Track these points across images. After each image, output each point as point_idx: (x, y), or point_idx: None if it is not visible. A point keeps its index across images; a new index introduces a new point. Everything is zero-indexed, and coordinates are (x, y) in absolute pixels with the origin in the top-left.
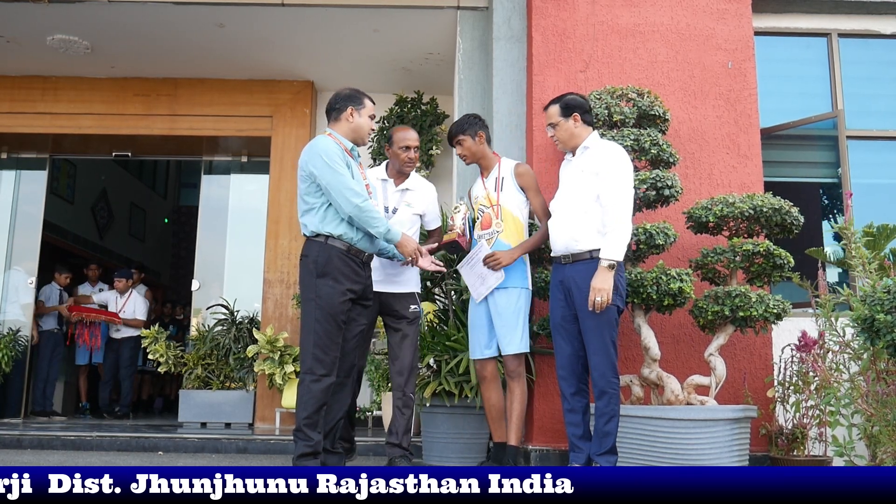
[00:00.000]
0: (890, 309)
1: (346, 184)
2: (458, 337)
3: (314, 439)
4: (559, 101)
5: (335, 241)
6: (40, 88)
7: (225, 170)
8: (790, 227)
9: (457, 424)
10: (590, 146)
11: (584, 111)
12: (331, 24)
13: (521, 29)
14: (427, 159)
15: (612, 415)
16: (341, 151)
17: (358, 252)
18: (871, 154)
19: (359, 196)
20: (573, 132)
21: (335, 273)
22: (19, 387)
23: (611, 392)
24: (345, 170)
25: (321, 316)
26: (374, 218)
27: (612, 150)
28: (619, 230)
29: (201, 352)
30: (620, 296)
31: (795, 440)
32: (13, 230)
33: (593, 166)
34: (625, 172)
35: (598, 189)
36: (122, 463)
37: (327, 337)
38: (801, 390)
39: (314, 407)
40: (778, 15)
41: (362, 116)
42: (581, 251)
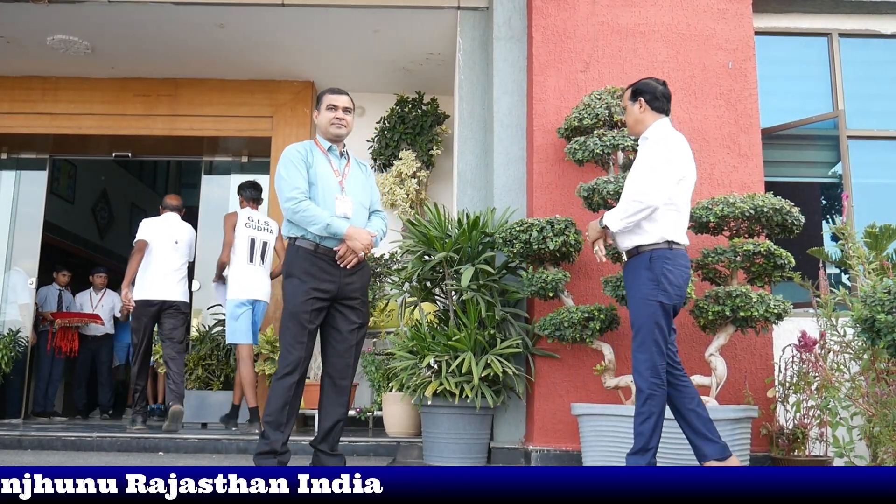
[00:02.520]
0: (891, 309)
1: (285, 188)
2: (459, 337)
3: (271, 438)
4: (633, 86)
5: (302, 242)
6: (40, 89)
7: (225, 170)
8: (791, 228)
9: (457, 424)
10: (649, 136)
11: (652, 96)
12: (331, 24)
13: (522, 29)
14: (428, 159)
15: (648, 415)
16: (305, 153)
17: (327, 251)
18: (872, 154)
19: (291, 200)
20: (637, 117)
21: (299, 273)
22: (19, 387)
23: (647, 392)
24: (292, 171)
25: (285, 315)
26: (310, 217)
27: (660, 135)
28: (623, 205)
29: (202, 352)
30: (664, 291)
31: (796, 440)
32: (13, 231)
33: (641, 159)
34: (656, 153)
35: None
36: (123, 463)
37: (290, 336)
38: (802, 390)
39: (276, 405)
40: (778, 15)
41: (321, 112)
42: (628, 248)
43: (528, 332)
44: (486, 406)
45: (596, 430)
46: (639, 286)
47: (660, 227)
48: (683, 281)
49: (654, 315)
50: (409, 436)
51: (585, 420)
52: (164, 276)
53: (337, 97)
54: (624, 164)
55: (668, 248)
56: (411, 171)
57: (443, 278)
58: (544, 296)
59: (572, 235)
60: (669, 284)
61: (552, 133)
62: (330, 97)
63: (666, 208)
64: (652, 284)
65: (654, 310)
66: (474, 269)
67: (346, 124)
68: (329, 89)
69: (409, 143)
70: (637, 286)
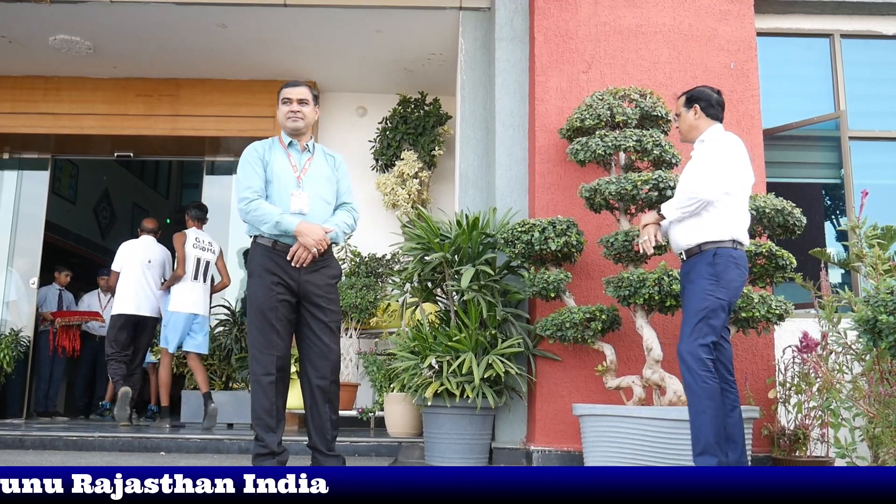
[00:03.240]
0: (893, 310)
1: (239, 188)
2: (460, 337)
3: (265, 440)
4: (687, 93)
5: (261, 240)
6: (42, 89)
7: (227, 170)
8: (793, 228)
9: (459, 425)
10: (706, 139)
11: (707, 104)
12: (333, 24)
13: (524, 30)
14: (429, 160)
15: (701, 412)
16: (263, 151)
17: (284, 247)
18: (874, 155)
19: (243, 199)
20: (692, 123)
21: (258, 270)
22: (21, 387)
23: (696, 387)
24: (247, 171)
25: (251, 315)
26: (260, 216)
27: (717, 136)
28: (678, 198)
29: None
30: (724, 288)
31: (797, 441)
32: (15, 230)
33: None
34: (713, 151)
35: None
36: (125, 463)
37: (260, 334)
38: (803, 391)
39: (260, 408)
40: (780, 16)
41: (279, 106)
42: (691, 245)
43: (529, 333)
44: (487, 406)
45: (597, 431)
46: (698, 281)
47: (727, 224)
48: (741, 283)
49: (709, 310)
50: (411, 436)
51: (587, 420)
52: (136, 294)
53: (291, 90)
54: (625, 165)
55: (734, 248)
56: (413, 171)
57: (443, 279)
58: (546, 296)
59: (574, 236)
60: (729, 283)
61: (554, 134)
62: (285, 91)
63: (731, 206)
64: (712, 280)
65: (711, 305)
66: (475, 269)
67: (303, 116)
68: (286, 83)
69: (410, 144)
70: (696, 281)
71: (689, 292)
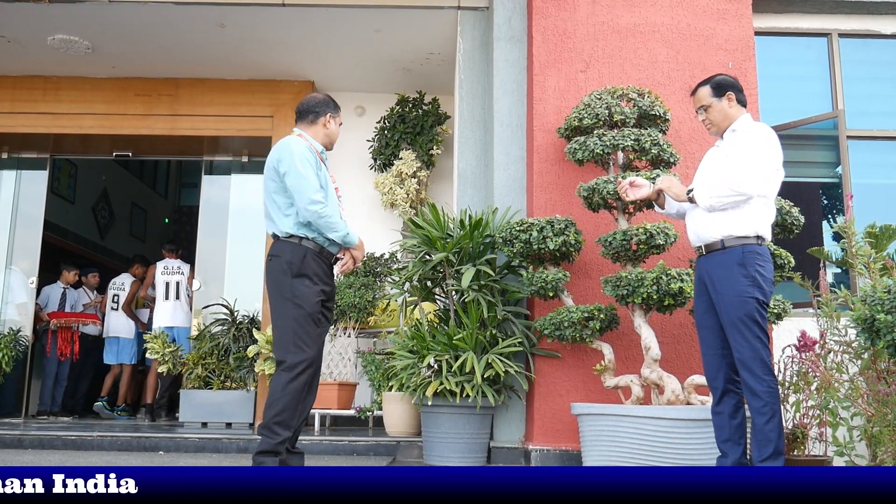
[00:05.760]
0: (890, 309)
1: (309, 188)
2: (462, 336)
3: (282, 436)
4: (709, 82)
5: (308, 243)
6: (41, 88)
7: (226, 170)
8: (791, 228)
9: (458, 424)
10: (737, 129)
11: (737, 90)
12: (332, 24)
13: (522, 29)
14: (428, 159)
15: (770, 415)
16: (313, 154)
17: (329, 255)
18: (872, 154)
19: (318, 203)
20: (727, 113)
21: (310, 274)
22: (20, 387)
23: (761, 390)
24: (312, 174)
25: (300, 315)
26: (333, 224)
27: (757, 129)
28: (719, 189)
29: (201, 351)
30: (760, 287)
31: (796, 440)
32: (14, 230)
33: (736, 149)
34: (755, 143)
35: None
36: (124, 463)
37: (307, 335)
38: (802, 390)
39: (291, 404)
40: (778, 15)
41: (336, 124)
42: (713, 240)
43: (528, 329)
44: (486, 405)
45: (596, 430)
46: (733, 283)
47: (754, 219)
48: (772, 277)
49: (753, 311)
50: (410, 435)
51: (585, 419)
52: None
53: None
54: (624, 164)
55: (758, 244)
56: (411, 170)
57: (443, 278)
58: (544, 295)
59: (572, 235)
60: (764, 281)
61: (552, 133)
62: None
63: (761, 201)
64: (748, 281)
65: (753, 306)
66: (475, 269)
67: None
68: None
69: (409, 143)
70: (731, 283)
71: (727, 295)
